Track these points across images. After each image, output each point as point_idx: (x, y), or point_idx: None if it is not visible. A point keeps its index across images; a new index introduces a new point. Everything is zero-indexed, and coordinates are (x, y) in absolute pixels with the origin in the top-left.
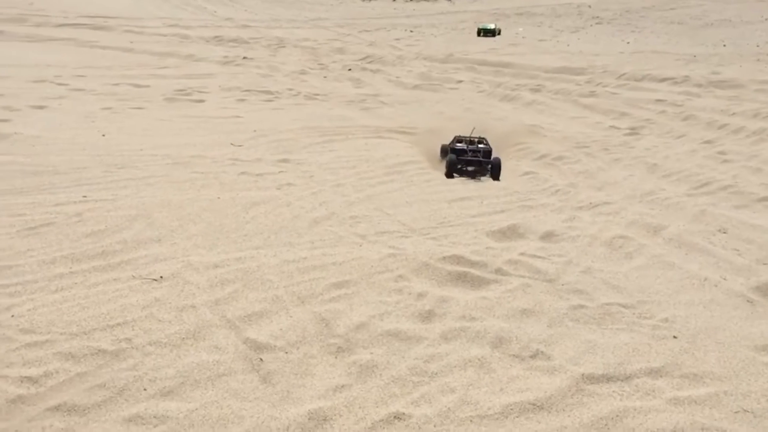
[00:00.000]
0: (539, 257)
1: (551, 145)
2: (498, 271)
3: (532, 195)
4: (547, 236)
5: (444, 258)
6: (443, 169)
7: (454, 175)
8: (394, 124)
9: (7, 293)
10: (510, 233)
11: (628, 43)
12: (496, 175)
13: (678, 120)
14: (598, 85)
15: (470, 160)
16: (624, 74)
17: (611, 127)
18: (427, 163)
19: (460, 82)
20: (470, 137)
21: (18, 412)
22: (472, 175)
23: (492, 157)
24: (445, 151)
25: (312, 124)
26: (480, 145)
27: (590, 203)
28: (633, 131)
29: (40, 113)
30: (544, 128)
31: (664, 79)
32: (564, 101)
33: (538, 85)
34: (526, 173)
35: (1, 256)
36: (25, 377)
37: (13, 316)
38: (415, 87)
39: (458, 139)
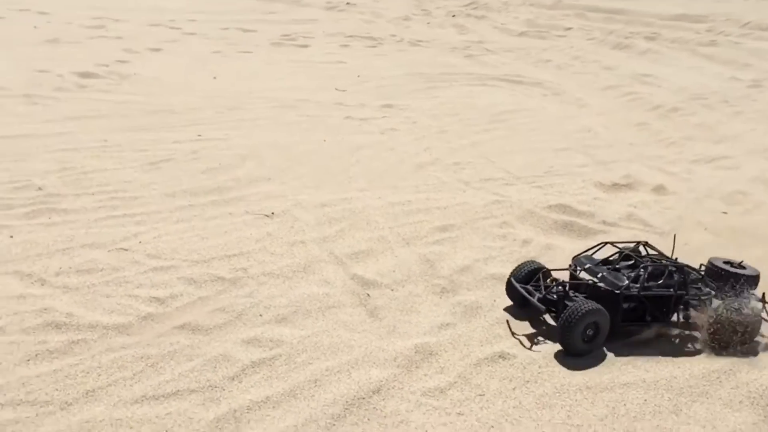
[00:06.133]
0: (650, 209)
1: (666, 95)
2: (606, 221)
3: (643, 147)
4: (660, 189)
5: (549, 206)
6: None
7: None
8: (499, 72)
9: (134, 222)
10: (619, 184)
11: None
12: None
13: None
14: (719, 33)
15: None
16: (748, 23)
17: (732, 78)
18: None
19: (569, 29)
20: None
21: (149, 329)
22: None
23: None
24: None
25: (415, 70)
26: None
27: (707, 157)
28: (756, 83)
29: (156, 56)
30: (659, 78)
31: None
32: (681, 50)
33: (654, 33)
34: (639, 124)
35: (128, 188)
36: (154, 298)
37: (140, 242)
38: (521, 34)
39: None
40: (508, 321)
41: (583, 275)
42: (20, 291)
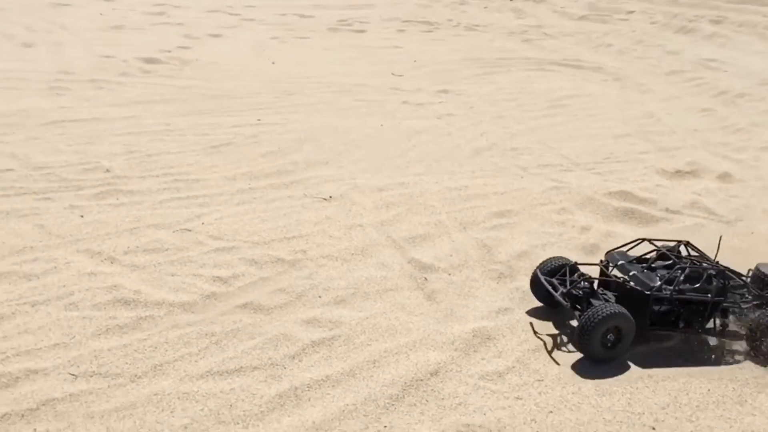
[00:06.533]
0: (715, 197)
1: (732, 81)
2: (668, 209)
3: (708, 133)
4: (725, 176)
5: (610, 193)
6: None
7: None
8: (558, 57)
9: (197, 203)
10: (683, 171)
11: None
12: None
13: None
14: None
15: None
16: None
17: None
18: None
19: (631, 12)
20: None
21: (212, 307)
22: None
23: None
24: None
25: (472, 55)
26: None
27: None
28: None
29: (216, 41)
30: (725, 63)
31: None
32: (749, 34)
33: (720, 16)
34: (703, 110)
35: (190, 171)
36: (217, 277)
37: (203, 223)
38: (582, 18)
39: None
40: (531, 323)
41: (615, 272)
42: (91, 268)
